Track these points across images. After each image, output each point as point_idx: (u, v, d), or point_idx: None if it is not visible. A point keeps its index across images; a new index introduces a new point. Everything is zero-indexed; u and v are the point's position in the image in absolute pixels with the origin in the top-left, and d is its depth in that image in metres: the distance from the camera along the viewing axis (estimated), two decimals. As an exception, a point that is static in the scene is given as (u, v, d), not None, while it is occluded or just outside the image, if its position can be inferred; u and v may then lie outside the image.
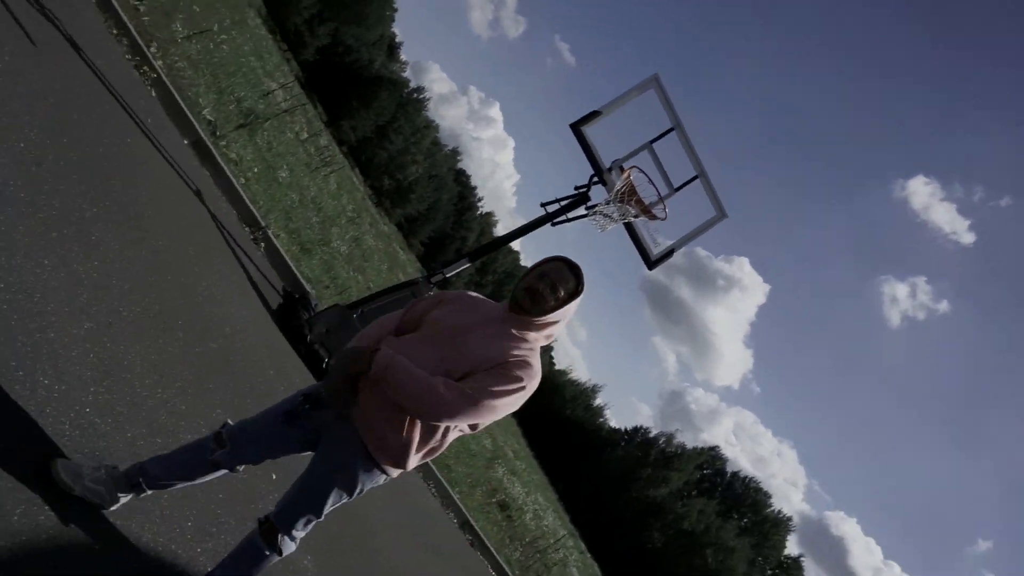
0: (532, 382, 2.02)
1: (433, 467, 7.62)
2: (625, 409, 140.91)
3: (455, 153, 71.56)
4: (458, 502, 7.91)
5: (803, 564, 57.92)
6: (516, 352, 2.00)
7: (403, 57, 72.59)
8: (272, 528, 2.04)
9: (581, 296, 2.06)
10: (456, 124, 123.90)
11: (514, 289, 2.11)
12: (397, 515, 5.66)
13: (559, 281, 2.04)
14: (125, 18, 5.70)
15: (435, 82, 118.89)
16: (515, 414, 19.29)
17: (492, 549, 8.23)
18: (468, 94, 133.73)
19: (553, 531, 16.11)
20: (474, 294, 2.29)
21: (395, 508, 5.66)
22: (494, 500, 10.87)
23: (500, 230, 61.94)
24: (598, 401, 63.68)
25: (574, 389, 61.87)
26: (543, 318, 2.04)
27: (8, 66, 3.35)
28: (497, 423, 11.62)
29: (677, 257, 6.21)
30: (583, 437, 58.98)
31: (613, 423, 66.85)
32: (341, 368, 1.98)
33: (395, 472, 2.09)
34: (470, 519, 8.00)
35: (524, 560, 10.00)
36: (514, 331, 2.05)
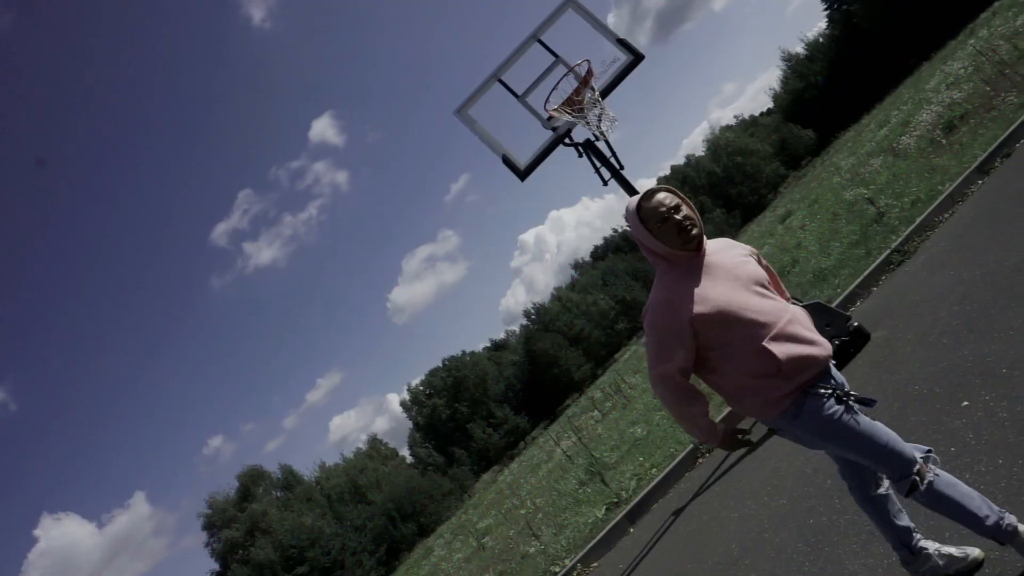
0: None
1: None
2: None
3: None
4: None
5: None
6: (745, 253, 2.25)
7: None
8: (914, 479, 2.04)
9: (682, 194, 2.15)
10: (516, 270, 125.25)
11: (668, 245, 2.10)
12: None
13: (672, 207, 2.09)
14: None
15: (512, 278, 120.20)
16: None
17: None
18: (521, 247, 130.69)
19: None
20: (661, 278, 2.20)
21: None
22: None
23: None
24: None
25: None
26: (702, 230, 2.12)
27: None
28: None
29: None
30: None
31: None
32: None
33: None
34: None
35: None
36: (719, 256, 2.17)
